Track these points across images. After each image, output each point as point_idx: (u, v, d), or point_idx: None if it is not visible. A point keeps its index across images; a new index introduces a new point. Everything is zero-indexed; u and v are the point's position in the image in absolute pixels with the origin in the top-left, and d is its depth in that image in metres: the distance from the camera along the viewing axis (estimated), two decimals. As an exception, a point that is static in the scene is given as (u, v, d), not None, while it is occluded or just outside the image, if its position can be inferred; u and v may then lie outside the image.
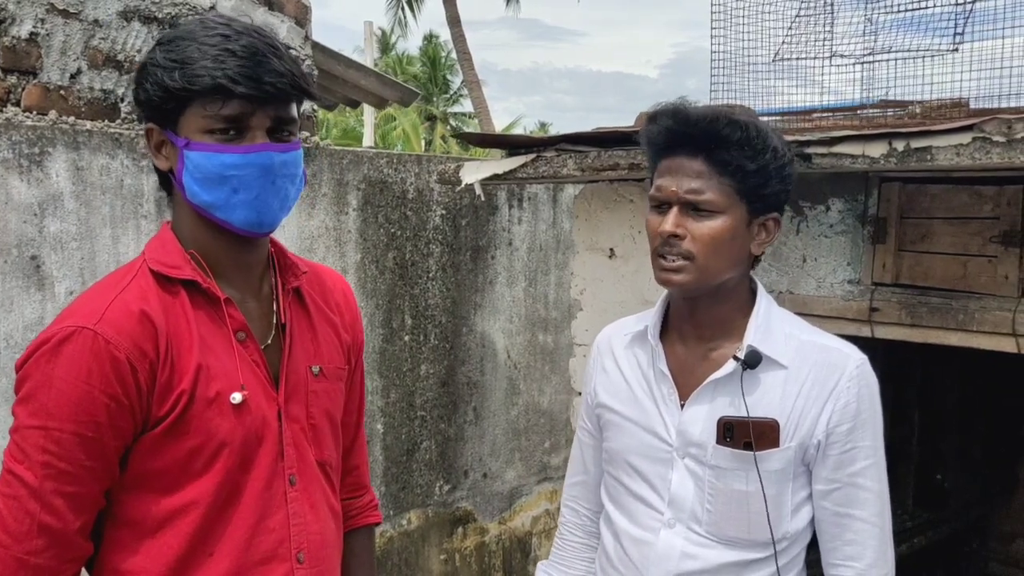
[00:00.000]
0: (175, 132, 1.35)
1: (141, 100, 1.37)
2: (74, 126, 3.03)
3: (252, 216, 1.37)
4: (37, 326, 2.91)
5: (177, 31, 1.37)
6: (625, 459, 1.70)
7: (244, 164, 1.34)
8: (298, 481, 1.46)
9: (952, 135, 1.84)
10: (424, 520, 4.35)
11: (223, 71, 1.30)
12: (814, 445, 1.58)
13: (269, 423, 1.42)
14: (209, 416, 1.36)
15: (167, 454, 1.35)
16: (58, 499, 1.29)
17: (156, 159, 1.40)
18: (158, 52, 1.35)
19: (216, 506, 1.38)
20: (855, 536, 1.61)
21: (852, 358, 1.60)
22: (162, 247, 1.41)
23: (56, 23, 2.97)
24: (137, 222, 3.15)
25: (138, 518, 1.37)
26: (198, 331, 1.37)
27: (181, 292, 1.38)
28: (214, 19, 1.37)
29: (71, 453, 1.29)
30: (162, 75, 1.32)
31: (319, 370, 1.51)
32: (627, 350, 1.74)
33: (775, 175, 1.55)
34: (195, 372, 1.35)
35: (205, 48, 1.31)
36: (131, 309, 1.32)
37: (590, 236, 3.11)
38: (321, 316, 1.56)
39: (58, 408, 1.28)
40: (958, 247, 2.38)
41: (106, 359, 1.28)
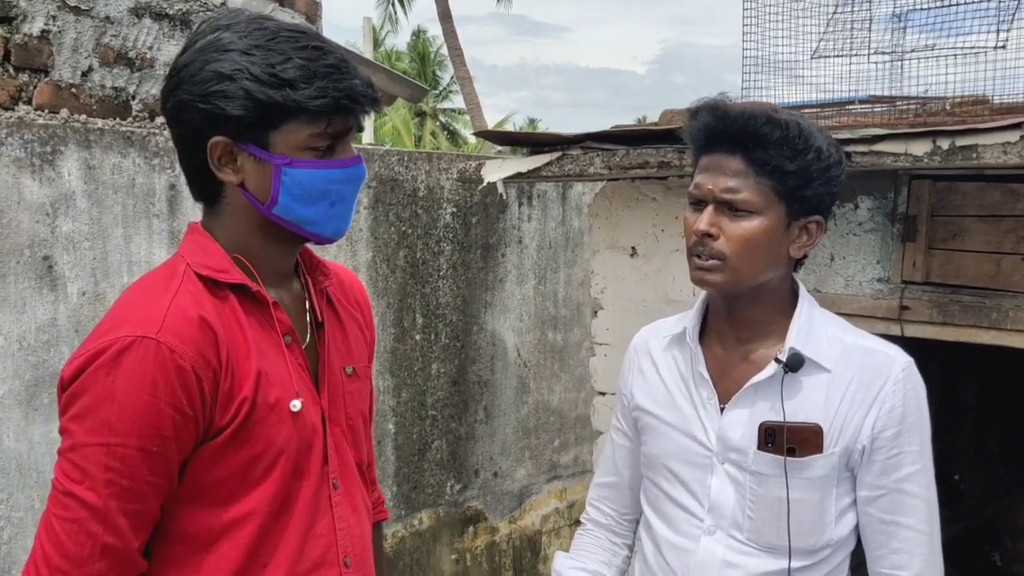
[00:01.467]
0: (264, 148, 1.29)
1: (214, 114, 1.27)
2: (86, 124, 2.97)
3: (342, 226, 1.38)
4: (50, 327, 2.86)
5: (242, 38, 1.27)
6: (664, 464, 1.66)
7: (345, 179, 1.34)
8: (340, 484, 1.44)
9: (999, 133, 1.82)
10: (435, 520, 4.31)
11: (341, 91, 1.27)
12: (859, 450, 1.54)
13: (317, 428, 1.40)
14: (270, 423, 1.33)
15: (226, 464, 1.31)
16: (121, 518, 1.24)
17: (221, 172, 1.32)
18: (241, 61, 1.25)
19: (271, 516, 1.34)
20: (902, 544, 1.56)
21: (898, 361, 1.56)
22: (204, 251, 1.36)
23: (68, 20, 2.91)
24: (149, 221, 3.10)
25: (193, 532, 1.32)
26: (252, 336, 1.34)
27: (230, 297, 1.34)
28: (269, 22, 1.30)
29: (135, 470, 1.23)
30: (262, 90, 1.25)
31: (352, 370, 1.49)
32: (665, 352, 1.70)
33: (818, 176, 1.49)
34: (255, 378, 1.31)
35: (305, 64, 1.26)
36: (190, 315, 1.27)
37: (611, 234, 3.08)
38: (348, 315, 1.55)
39: (121, 423, 1.22)
40: (991, 245, 2.36)
41: (171, 369, 1.23)
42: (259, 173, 1.30)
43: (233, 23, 1.30)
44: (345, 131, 1.33)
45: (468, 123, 23.79)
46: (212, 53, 1.27)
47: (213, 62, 1.26)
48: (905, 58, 2.22)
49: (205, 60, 1.27)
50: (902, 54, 2.20)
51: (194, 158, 1.33)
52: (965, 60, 2.40)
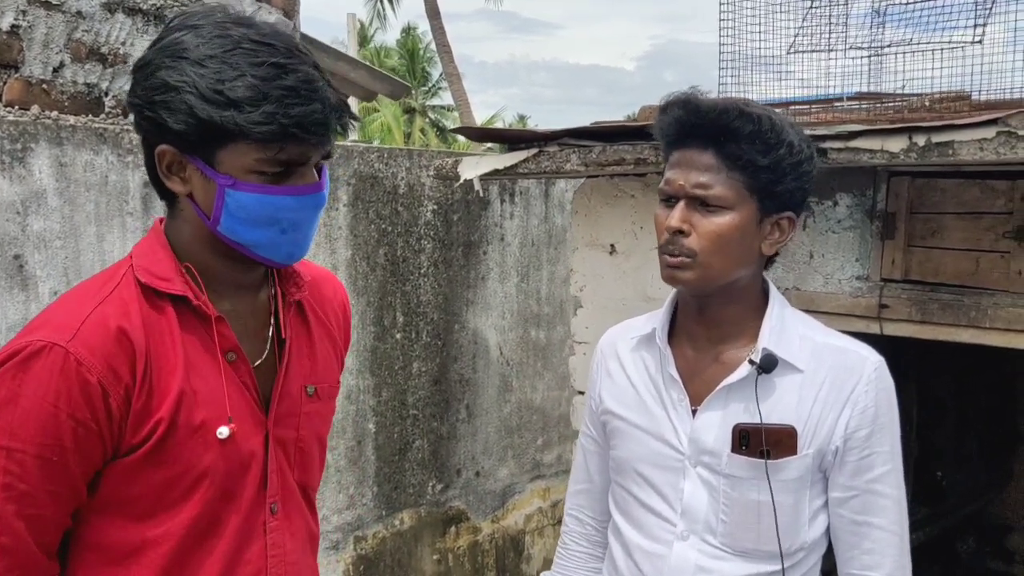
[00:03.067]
0: (210, 165, 1.20)
1: (158, 123, 1.20)
2: (57, 121, 2.93)
3: (295, 252, 1.29)
4: (21, 326, 2.81)
5: (201, 44, 1.19)
6: (634, 468, 1.63)
7: (299, 206, 1.24)
8: (279, 509, 1.36)
9: (976, 129, 1.80)
10: (417, 520, 4.28)
11: (292, 118, 1.17)
12: (832, 451, 1.52)
13: (255, 452, 1.32)
14: (191, 446, 1.26)
15: (141, 482, 1.25)
16: (18, 521, 1.20)
17: (168, 181, 1.25)
18: (190, 72, 1.17)
19: (192, 538, 1.28)
20: (873, 545, 1.55)
21: (870, 361, 1.54)
22: (152, 255, 1.29)
23: (38, 15, 2.87)
24: (123, 219, 3.06)
25: (106, 544, 1.28)
26: (184, 352, 1.26)
27: (168, 308, 1.26)
28: (238, 28, 1.20)
29: (32, 476, 1.19)
30: (204, 108, 1.16)
31: (314, 390, 1.41)
32: (633, 353, 1.67)
33: (790, 172, 1.47)
34: (177, 398, 1.24)
35: (257, 83, 1.16)
36: (108, 326, 1.21)
37: (590, 232, 3.05)
38: (322, 330, 1.47)
39: (22, 428, 1.18)
40: (970, 242, 2.34)
41: (75, 381, 1.18)
42: (205, 188, 1.23)
43: (201, 25, 1.21)
44: (302, 158, 1.22)
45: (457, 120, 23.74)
46: (166, 58, 1.20)
47: (163, 68, 1.19)
48: (881, 53, 2.20)
49: (158, 65, 1.20)
50: (879, 49, 2.17)
51: (149, 160, 1.27)
52: (946, 56, 2.38)
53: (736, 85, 2.51)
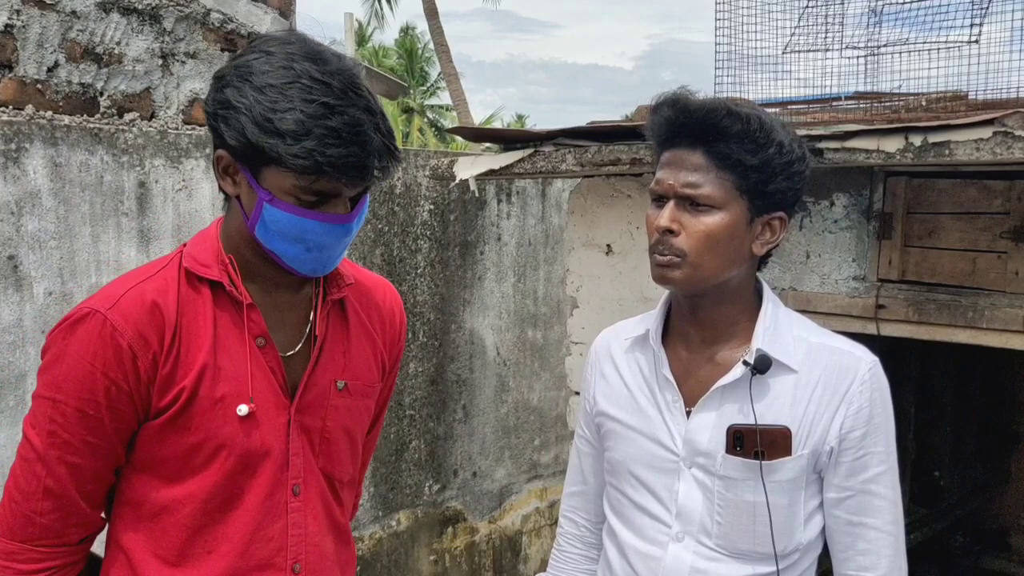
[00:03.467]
0: (255, 177, 1.32)
1: (219, 132, 1.32)
2: (52, 121, 2.92)
3: (318, 268, 1.40)
4: (15, 328, 2.80)
5: (266, 72, 1.28)
6: (628, 470, 1.63)
7: (325, 231, 1.34)
8: (302, 492, 1.46)
9: (972, 129, 1.79)
10: (413, 520, 4.28)
11: (327, 157, 1.26)
12: (826, 452, 1.52)
13: (277, 433, 1.42)
14: (211, 417, 1.38)
15: (168, 445, 1.39)
16: (61, 467, 1.36)
17: (222, 182, 1.38)
18: (250, 95, 1.27)
19: (214, 505, 1.41)
20: (869, 545, 1.54)
21: (864, 361, 1.54)
22: (201, 244, 1.44)
23: (32, 15, 2.86)
24: (118, 220, 3.05)
25: (139, 500, 1.42)
26: (215, 331, 1.39)
27: (206, 291, 1.40)
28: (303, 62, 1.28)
29: (73, 427, 1.35)
30: (253, 131, 1.27)
31: (344, 385, 1.50)
32: (627, 355, 1.67)
33: (780, 171, 1.47)
34: (200, 370, 1.37)
35: (304, 120, 1.25)
36: (144, 299, 1.36)
37: (586, 232, 3.04)
38: (361, 330, 1.55)
39: (66, 382, 1.34)
40: (967, 243, 2.34)
41: (109, 344, 1.33)
42: (249, 195, 1.35)
43: (273, 52, 1.30)
44: (334, 192, 1.32)
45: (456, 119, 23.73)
46: (235, 77, 1.31)
47: (230, 86, 1.30)
48: (877, 53, 2.20)
49: (227, 82, 1.31)
50: (874, 49, 2.17)
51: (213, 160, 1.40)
52: (943, 55, 2.37)
53: (733, 84, 2.51)
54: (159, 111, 3.19)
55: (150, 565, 1.41)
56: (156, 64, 3.17)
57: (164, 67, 3.18)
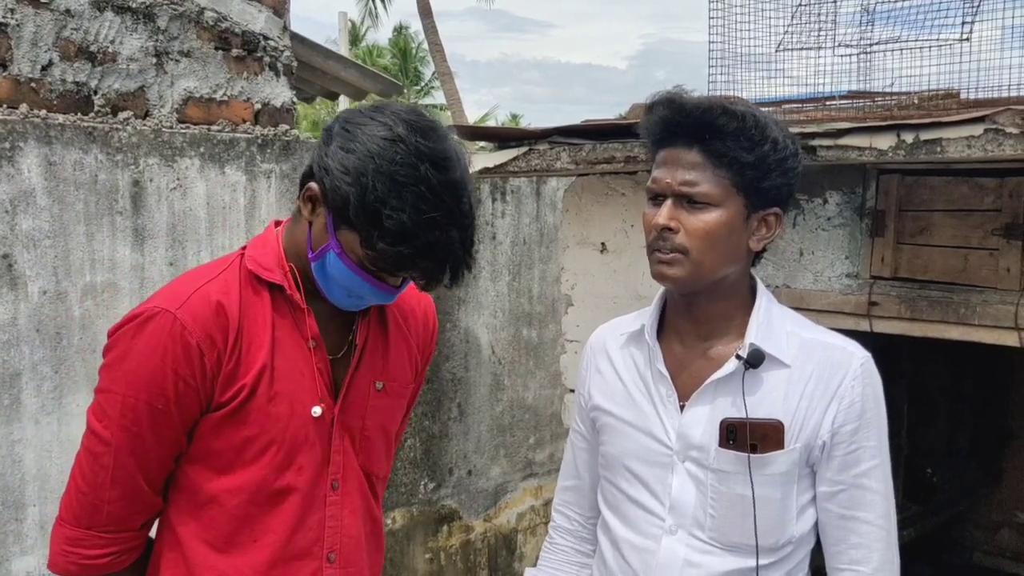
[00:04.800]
0: (335, 227, 1.39)
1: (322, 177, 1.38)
2: (46, 120, 2.92)
3: (351, 307, 1.50)
4: (10, 327, 2.80)
5: (392, 161, 1.32)
6: (623, 464, 1.64)
7: (372, 293, 1.44)
8: (340, 486, 1.55)
9: (963, 127, 1.80)
10: (409, 519, 4.28)
11: (412, 266, 1.36)
12: (819, 446, 1.54)
13: (322, 430, 1.52)
14: (267, 412, 1.47)
15: (224, 438, 1.47)
16: (130, 458, 1.44)
17: (303, 206, 1.45)
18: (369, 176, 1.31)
19: (261, 497, 1.49)
20: (861, 539, 1.56)
21: (856, 356, 1.55)
22: (263, 248, 1.51)
23: (26, 13, 2.86)
24: (112, 218, 3.04)
25: (192, 488, 1.51)
26: (272, 333, 1.48)
27: (265, 294, 1.49)
28: (428, 167, 1.33)
29: (143, 420, 1.43)
30: (358, 211, 1.32)
31: (382, 386, 1.59)
32: (623, 350, 1.68)
33: (775, 168, 1.49)
34: (259, 370, 1.46)
35: (410, 227, 1.31)
36: (210, 300, 1.44)
37: (581, 230, 3.05)
38: (398, 334, 1.64)
39: (136, 378, 1.42)
40: (959, 240, 2.35)
41: (179, 342, 1.41)
42: (321, 233, 1.43)
43: (404, 139, 1.33)
44: (394, 275, 1.42)
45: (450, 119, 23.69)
46: (363, 140, 1.34)
47: (353, 153, 1.34)
48: (870, 51, 2.21)
49: (353, 136, 1.35)
50: (867, 47, 2.18)
51: (303, 176, 1.47)
52: (936, 54, 2.39)
53: (727, 83, 2.51)
54: (153, 110, 3.19)
55: (199, 550, 1.51)
56: (150, 63, 3.17)
57: (158, 66, 3.18)
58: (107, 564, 1.50)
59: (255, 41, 3.44)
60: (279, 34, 3.53)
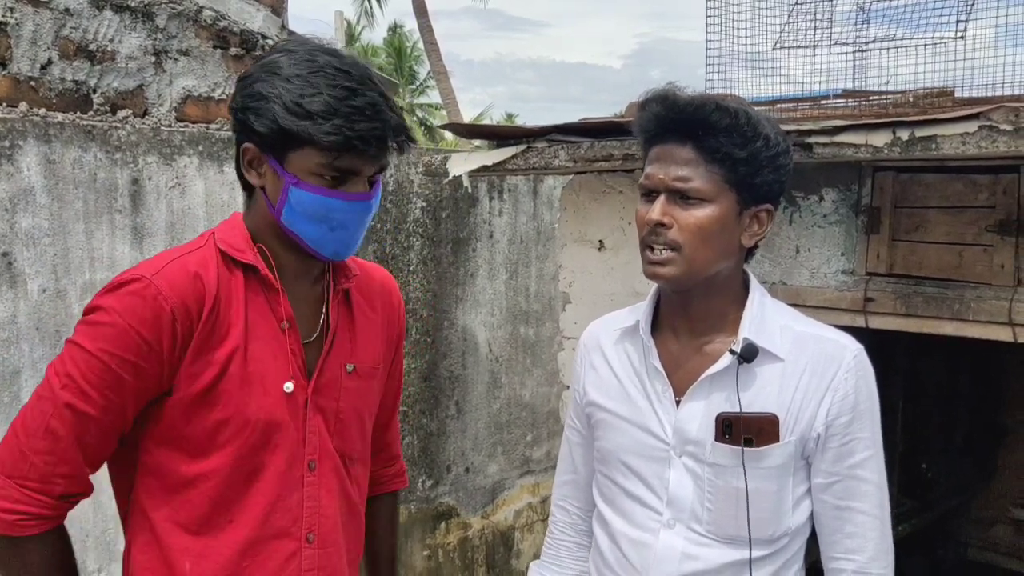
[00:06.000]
0: (281, 165, 1.44)
1: (247, 125, 1.44)
2: (45, 118, 2.93)
3: (341, 249, 1.51)
4: (10, 325, 2.81)
5: (292, 65, 1.42)
6: (619, 458, 1.66)
7: (347, 209, 1.46)
8: (317, 467, 1.56)
9: (958, 124, 1.82)
10: (407, 516, 4.30)
11: (355, 132, 1.39)
12: (813, 438, 1.55)
13: (296, 411, 1.52)
14: (240, 393, 1.47)
15: (197, 422, 1.46)
16: (68, 411, 1.42)
17: (247, 174, 1.49)
18: (279, 86, 1.41)
19: (237, 478, 1.49)
20: (855, 529, 1.58)
21: (849, 349, 1.57)
22: (231, 231, 1.53)
23: (26, 12, 2.86)
24: (111, 216, 3.05)
25: (165, 472, 1.50)
26: (247, 313, 1.48)
27: (239, 274, 1.49)
28: (324, 56, 1.43)
29: (92, 376, 1.41)
30: (286, 117, 1.39)
31: (353, 368, 1.61)
32: (617, 346, 1.70)
33: (767, 164, 1.50)
34: (232, 350, 1.46)
35: (331, 102, 1.39)
36: (188, 269, 1.45)
37: (578, 228, 3.07)
38: (364, 317, 1.65)
39: (98, 334, 1.42)
40: (953, 236, 2.37)
41: (151, 307, 1.41)
42: (275, 183, 1.46)
43: (295, 50, 1.45)
44: (355, 169, 1.44)
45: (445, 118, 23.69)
46: (263, 72, 1.44)
47: (260, 81, 1.43)
48: (865, 50, 2.23)
49: (256, 78, 1.45)
50: (863, 45, 2.20)
51: (236, 156, 1.51)
52: (931, 52, 2.40)
53: (723, 82, 2.53)
54: (152, 108, 3.20)
55: (173, 533, 1.50)
56: (149, 61, 3.17)
57: (157, 64, 3.19)
58: (13, 523, 1.42)
59: (253, 40, 3.45)
60: (277, 33, 3.54)
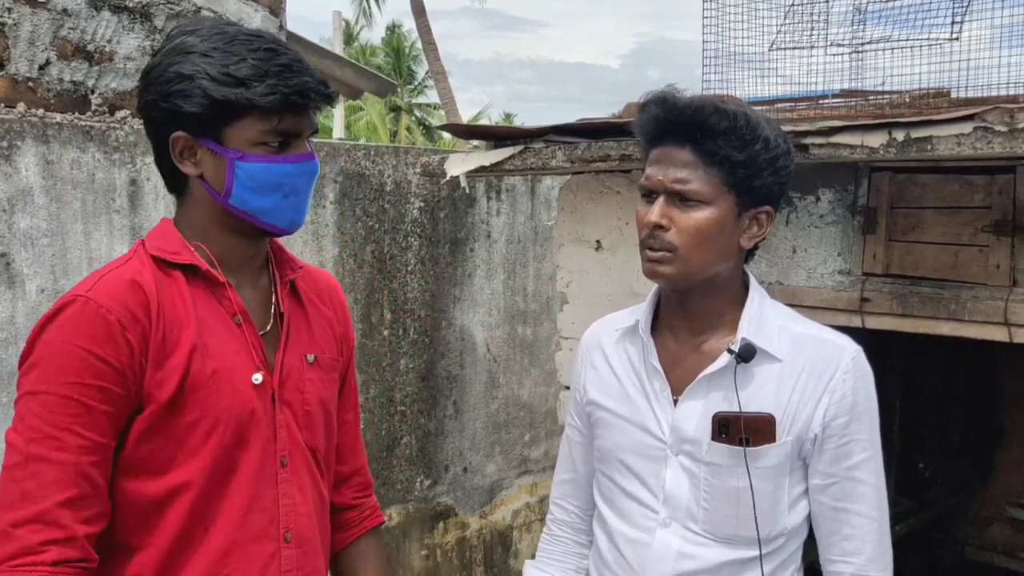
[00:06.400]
0: (219, 143, 1.39)
1: (174, 111, 1.38)
2: (43, 119, 2.93)
3: (297, 217, 1.47)
4: (8, 325, 2.81)
5: (203, 41, 1.39)
6: (617, 457, 1.66)
7: (297, 172, 1.44)
8: (289, 463, 1.50)
9: (953, 124, 1.83)
10: (405, 516, 4.30)
11: (291, 88, 1.37)
12: (811, 439, 1.56)
13: (265, 404, 1.47)
14: (207, 392, 1.40)
15: (166, 430, 1.38)
16: (42, 465, 1.30)
17: (181, 165, 1.43)
18: (199, 62, 1.36)
19: (212, 483, 1.42)
20: (853, 531, 1.58)
21: (847, 350, 1.57)
22: (162, 236, 1.47)
23: (23, 12, 2.86)
24: (110, 217, 3.06)
25: (136, 500, 1.41)
26: (196, 312, 1.42)
27: (178, 275, 1.43)
28: (230, 27, 1.41)
29: (56, 417, 1.31)
30: (218, 89, 1.35)
31: (314, 359, 1.57)
32: (617, 345, 1.70)
33: (766, 167, 1.51)
34: (190, 350, 1.39)
35: (258, 63, 1.37)
36: (123, 278, 1.38)
37: (576, 228, 3.07)
38: (315, 309, 1.62)
39: (50, 371, 1.32)
40: (949, 237, 2.38)
41: (98, 321, 1.33)
42: (216, 166, 1.41)
43: (197, 28, 1.42)
44: (296, 130, 1.42)
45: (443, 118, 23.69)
46: (175, 56, 1.39)
47: (175, 64, 1.38)
48: (862, 50, 2.23)
49: (169, 63, 1.39)
50: (859, 46, 2.20)
51: (162, 153, 1.44)
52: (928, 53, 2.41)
53: (720, 82, 2.53)
54: (150, 109, 3.20)
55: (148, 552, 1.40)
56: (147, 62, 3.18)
57: (155, 65, 3.20)
58: None
59: (251, 40, 3.45)
60: (275, 33, 3.55)
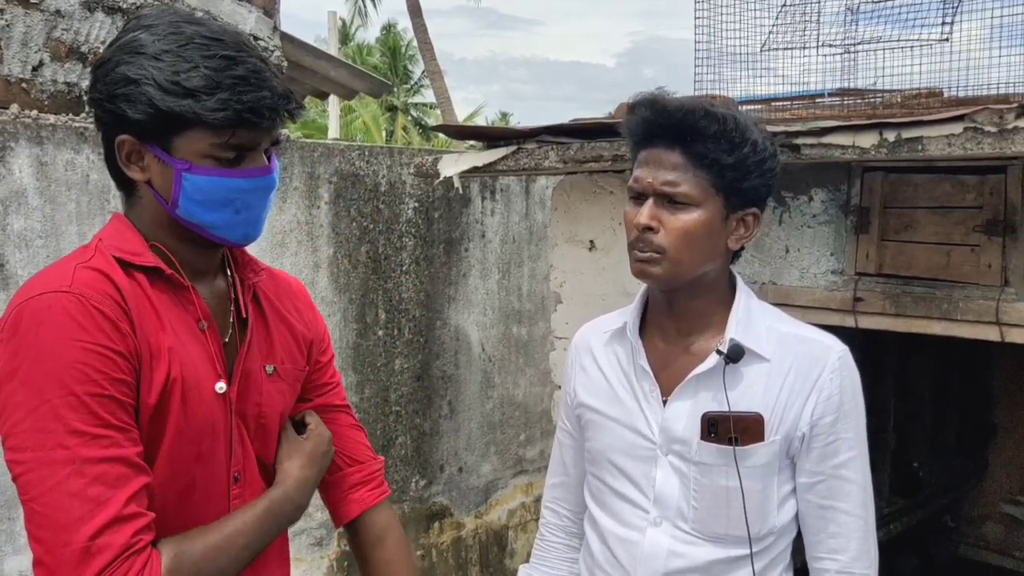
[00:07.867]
0: (167, 151, 1.29)
1: (119, 115, 1.28)
2: (37, 120, 2.93)
3: (250, 232, 1.37)
4: (2, 327, 2.81)
5: (156, 41, 1.28)
6: (608, 458, 1.67)
7: (251, 188, 1.33)
8: (241, 478, 1.42)
9: (943, 125, 1.84)
10: (400, 516, 4.30)
11: (244, 104, 1.26)
12: (798, 438, 1.57)
13: (223, 417, 1.39)
14: (181, 400, 1.30)
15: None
16: (103, 466, 1.18)
17: (128, 170, 1.32)
18: (148, 66, 1.26)
19: (171, 495, 1.31)
20: (839, 529, 1.59)
21: (834, 350, 1.59)
22: (119, 235, 1.35)
23: (16, 14, 2.86)
24: (104, 218, 3.06)
25: None
26: (164, 314, 1.32)
27: (142, 278, 1.32)
28: (190, 26, 1.30)
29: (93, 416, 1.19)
30: (164, 99, 1.25)
31: (272, 370, 1.49)
32: (606, 347, 1.72)
33: (754, 169, 1.52)
34: (169, 352, 1.29)
35: (210, 74, 1.26)
36: (99, 274, 1.27)
37: (569, 228, 3.08)
38: (276, 317, 1.53)
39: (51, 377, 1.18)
40: (941, 236, 2.39)
41: (89, 314, 1.21)
42: (163, 174, 1.31)
43: (155, 24, 1.30)
44: (252, 143, 1.32)
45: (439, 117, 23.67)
46: (124, 55, 1.28)
47: (123, 64, 1.27)
48: (854, 50, 2.24)
49: (117, 61, 1.28)
50: (851, 46, 2.21)
51: (109, 152, 1.34)
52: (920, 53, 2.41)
53: (712, 82, 2.54)
54: (144, 110, 3.20)
55: None
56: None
57: (149, 66, 3.20)
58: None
59: (245, 41, 3.45)
60: (269, 34, 3.55)
